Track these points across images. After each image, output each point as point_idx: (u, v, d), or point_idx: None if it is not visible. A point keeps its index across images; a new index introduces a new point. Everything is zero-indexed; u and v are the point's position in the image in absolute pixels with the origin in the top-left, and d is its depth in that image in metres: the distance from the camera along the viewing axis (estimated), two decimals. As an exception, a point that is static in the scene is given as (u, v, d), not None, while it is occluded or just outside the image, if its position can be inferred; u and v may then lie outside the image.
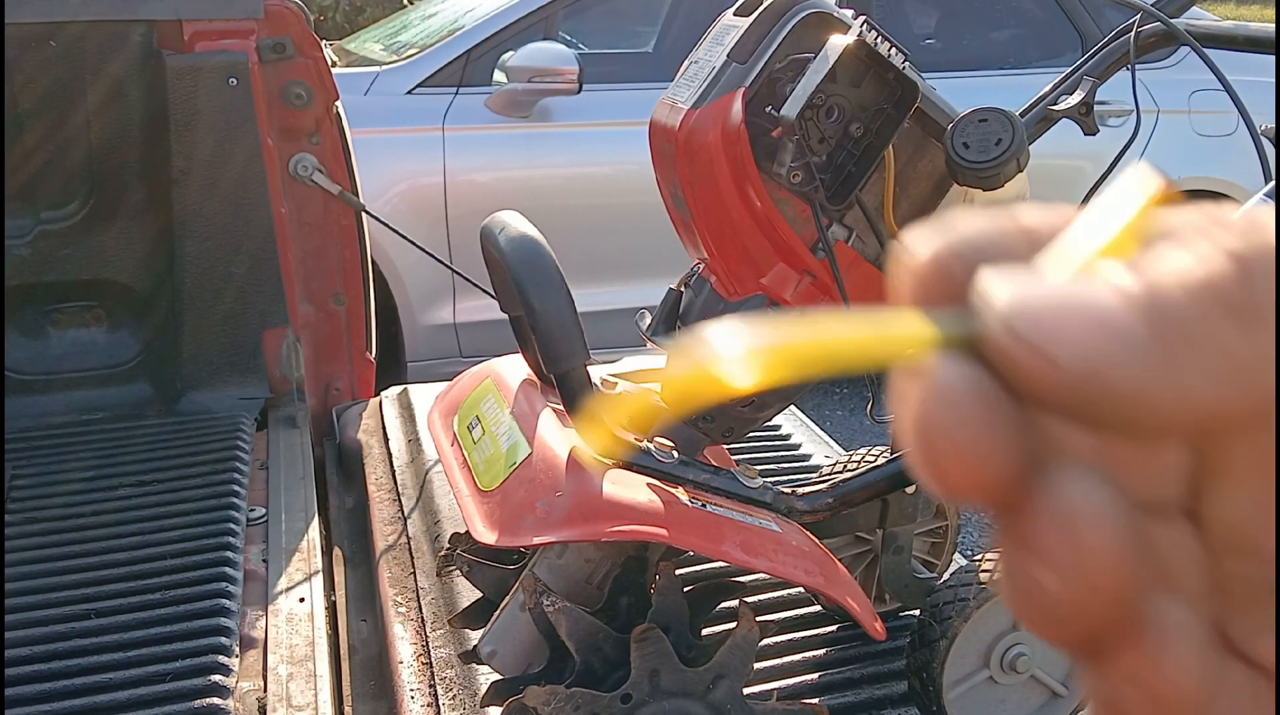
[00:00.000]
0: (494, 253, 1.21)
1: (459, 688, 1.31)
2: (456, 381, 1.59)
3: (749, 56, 1.20)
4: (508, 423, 1.35)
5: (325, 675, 1.34)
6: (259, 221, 2.01)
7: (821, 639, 1.45)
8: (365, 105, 3.04)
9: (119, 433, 1.97)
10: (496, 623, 1.30)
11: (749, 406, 1.33)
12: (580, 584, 1.25)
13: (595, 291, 3.12)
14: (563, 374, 1.18)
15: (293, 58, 1.98)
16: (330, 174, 2.06)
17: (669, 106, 1.25)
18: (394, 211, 2.93)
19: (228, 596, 1.46)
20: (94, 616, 1.42)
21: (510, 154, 3.26)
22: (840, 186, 1.26)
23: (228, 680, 1.31)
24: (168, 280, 2.04)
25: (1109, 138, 1.55)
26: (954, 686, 1.27)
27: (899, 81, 1.22)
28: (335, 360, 2.20)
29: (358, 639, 1.53)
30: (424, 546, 1.62)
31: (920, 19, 3.85)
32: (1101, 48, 1.30)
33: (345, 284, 2.16)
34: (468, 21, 3.38)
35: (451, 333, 3.23)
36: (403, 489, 1.79)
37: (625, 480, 1.19)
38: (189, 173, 1.96)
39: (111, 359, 2.11)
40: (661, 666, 1.17)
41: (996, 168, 1.19)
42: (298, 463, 1.89)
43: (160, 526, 1.64)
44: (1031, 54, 3.78)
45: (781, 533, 1.21)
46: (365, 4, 6.22)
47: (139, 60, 1.94)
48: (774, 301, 1.27)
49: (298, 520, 1.70)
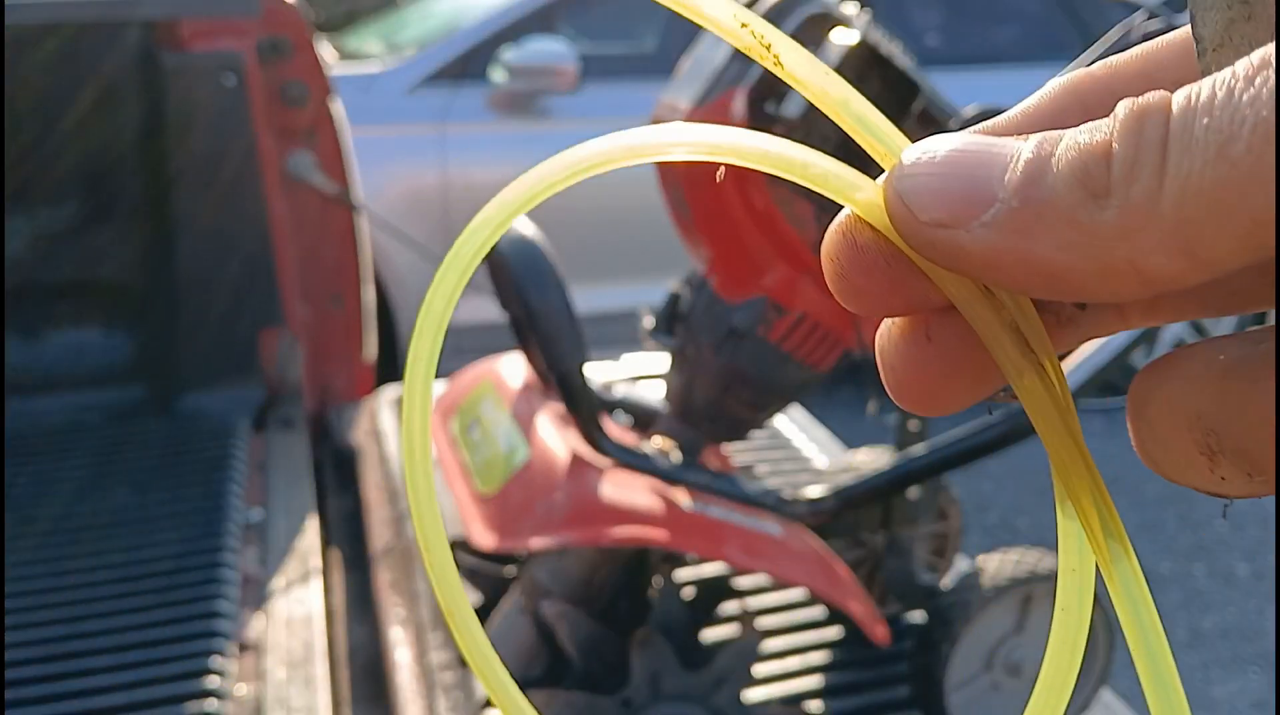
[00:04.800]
0: (494, 253, 1.20)
1: (457, 692, 1.30)
2: (455, 381, 1.58)
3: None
4: (507, 424, 1.34)
5: (323, 678, 1.33)
6: (256, 221, 2.00)
7: (823, 643, 1.44)
8: (364, 104, 3.03)
9: (115, 434, 1.96)
10: (495, 626, 1.29)
11: (749, 407, 1.32)
12: (580, 587, 1.24)
13: (595, 291, 3.11)
14: (562, 374, 1.17)
15: (290, 56, 1.97)
16: (328, 173, 2.05)
17: (669, 106, 1.24)
18: (393, 211, 2.92)
19: (224, 599, 1.45)
20: (90, 618, 1.41)
21: (510, 153, 3.25)
22: (842, 186, 1.25)
23: (224, 683, 1.30)
24: (164, 280, 2.03)
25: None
26: (957, 690, 1.26)
27: (901, 79, 1.21)
28: (333, 361, 2.19)
29: (355, 642, 1.52)
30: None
31: (922, 15, 3.85)
32: (1103, 43, 1.29)
33: (343, 284, 2.15)
34: (467, 19, 3.37)
35: (450, 333, 3.22)
36: (401, 491, 1.78)
37: (625, 482, 1.18)
38: (185, 172, 1.95)
39: (107, 360, 2.10)
40: (662, 670, 1.16)
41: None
42: (295, 464, 1.88)
43: (156, 528, 1.63)
44: (1033, 50, 3.78)
45: (783, 535, 1.20)
46: (362, 2, 6.21)
47: (135, 59, 1.93)
48: (775, 302, 1.26)
49: (295, 522, 1.69)
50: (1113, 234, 0.19)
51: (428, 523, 0.24)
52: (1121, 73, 0.25)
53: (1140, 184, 0.19)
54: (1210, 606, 2.67)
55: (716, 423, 1.34)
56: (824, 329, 1.28)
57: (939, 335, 0.24)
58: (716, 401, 1.31)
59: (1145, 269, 0.19)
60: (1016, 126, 0.25)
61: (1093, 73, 0.25)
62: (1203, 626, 2.58)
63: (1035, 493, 3.16)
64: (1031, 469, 3.29)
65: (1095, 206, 0.19)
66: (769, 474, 1.85)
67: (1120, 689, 1.51)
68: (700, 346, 1.30)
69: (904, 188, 0.22)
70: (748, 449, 1.92)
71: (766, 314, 1.26)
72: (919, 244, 0.22)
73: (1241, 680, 2.34)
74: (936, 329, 0.24)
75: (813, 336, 1.28)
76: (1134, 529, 2.96)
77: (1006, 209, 0.20)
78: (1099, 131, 0.20)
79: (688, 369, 1.32)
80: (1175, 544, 2.92)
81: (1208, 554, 2.90)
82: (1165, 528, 2.97)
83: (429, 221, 3.08)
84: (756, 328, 1.26)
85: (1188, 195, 0.18)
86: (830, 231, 0.24)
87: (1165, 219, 0.19)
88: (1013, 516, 3.06)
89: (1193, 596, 2.70)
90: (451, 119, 3.17)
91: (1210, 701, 2.30)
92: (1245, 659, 2.41)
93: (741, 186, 1.20)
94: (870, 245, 0.23)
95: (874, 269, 0.23)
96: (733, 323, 1.27)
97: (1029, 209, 0.20)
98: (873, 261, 0.23)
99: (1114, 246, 0.19)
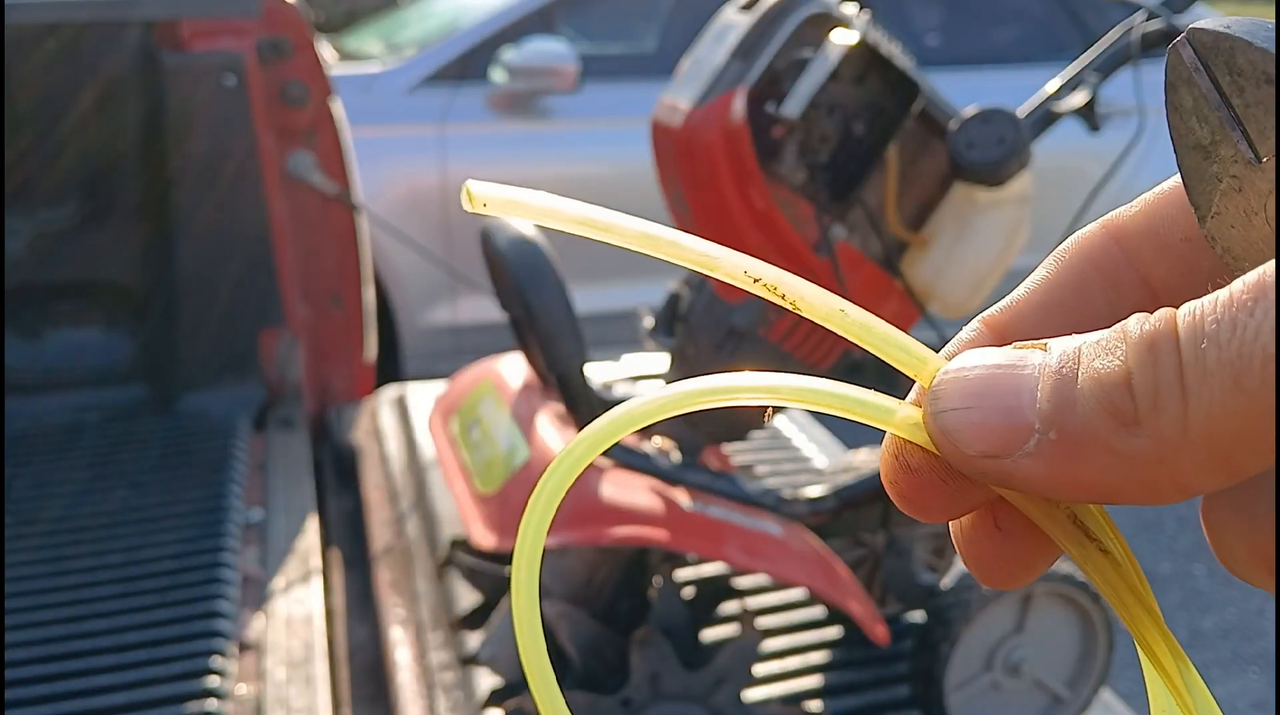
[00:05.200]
0: (494, 253, 1.20)
1: (458, 691, 1.30)
2: (455, 381, 1.58)
3: (751, 54, 1.19)
4: (507, 424, 1.34)
5: (323, 679, 1.33)
6: (256, 221, 2.00)
7: (823, 642, 1.44)
8: (364, 104, 3.03)
9: (115, 434, 1.96)
10: (496, 626, 1.29)
11: (749, 406, 1.32)
12: (580, 587, 1.24)
13: (595, 292, 3.11)
14: (562, 374, 1.17)
15: (290, 56, 1.97)
16: (328, 173, 2.05)
17: (670, 106, 1.24)
18: (393, 211, 2.92)
19: (224, 599, 1.45)
20: (91, 618, 1.41)
21: (511, 153, 3.25)
22: (842, 186, 1.25)
23: (225, 683, 1.30)
24: (164, 280, 2.03)
25: (1111, 137, 1.54)
26: (956, 690, 1.26)
27: (901, 80, 1.21)
28: (333, 361, 2.19)
29: (355, 642, 1.52)
30: (422, 549, 1.61)
31: (922, 15, 3.85)
32: (1104, 45, 1.29)
33: (343, 284, 2.15)
34: (467, 19, 3.37)
35: (450, 334, 3.22)
36: (401, 491, 1.78)
37: (626, 483, 1.18)
38: (186, 172, 1.95)
39: (108, 359, 2.10)
40: (662, 670, 1.16)
41: (999, 166, 1.18)
42: (295, 464, 1.88)
43: (157, 528, 1.63)
44: (1034, 51, 3.78)
45: (783, 535, 1.20)
46: (362, 2, 6.21)
47: (136, 59, 1.93)
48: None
49: (295, 522, 1.69)
50: (1150, 460, 0.21)
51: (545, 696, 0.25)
52: (1129, 231, 0.27)
53: (1168, 416, 0.20)
54: (1210, 606, 2.67)
55: (716, 423, 1.34)
56: (824, 329, 1.27)
57: (1007, 524, 0.26)
58: (716, 401, 1.31)
59: (1186, 484, 0.21)
60: (1040, 304, 0.27)
61: (1103, 235, 0.27)
62: (1203, 626, 2.58)
63: (1035, 493, 3.16)
64: (1031, 469, 3.28)
65: (1128, 434, 0.21)
66: (769, 474, 1.85)
67: (1120, 689, 1.52)
68: (700, 346, 1.30)
69: (945, 424, 0.24)
70: (748, 449, 1.92)
71: (766, 314, 1.26)
72: (970, 472, 0.24)
73: (1241, 680, 2.34)
74: (1004, 519, 0.26)
75: (813, 336, 1.28)
76: (1134, 529, 2.96)
77: (1045, 441, 0.22)
78: (1114, 356, 0.22)
79: (688, 369, 1.32)
80: (1175, 544, 2.92)
81: (1208, 554, 2.89)
82: (1165, 528, 2.97)
83: (429, 221, 3.08)
84: (756, 328, 1.26)
85: (1213, 424, 0.20)
86: (884, 458, 0.26)
87: (1196, 446, 0.20)
88: (1013, 516, 3.06)
89: (1193, 596, 2.70)
90: (451, 119, 3.16)
91: (1210, 701, 2.30)
92: (1245, 659, 2.41)
93: (741, 186, 1.20)
94: (924, 466, 0.25)
95: (933, 487, 0.25)
96: (733, 323, 1.27)
97: (1067, 441, 0.22)
98: (930, 481, 0.25)
99: (1153, 470, 0.21)
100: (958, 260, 1.26)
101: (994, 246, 1.25)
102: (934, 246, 1.28)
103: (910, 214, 1.29)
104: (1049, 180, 2.00)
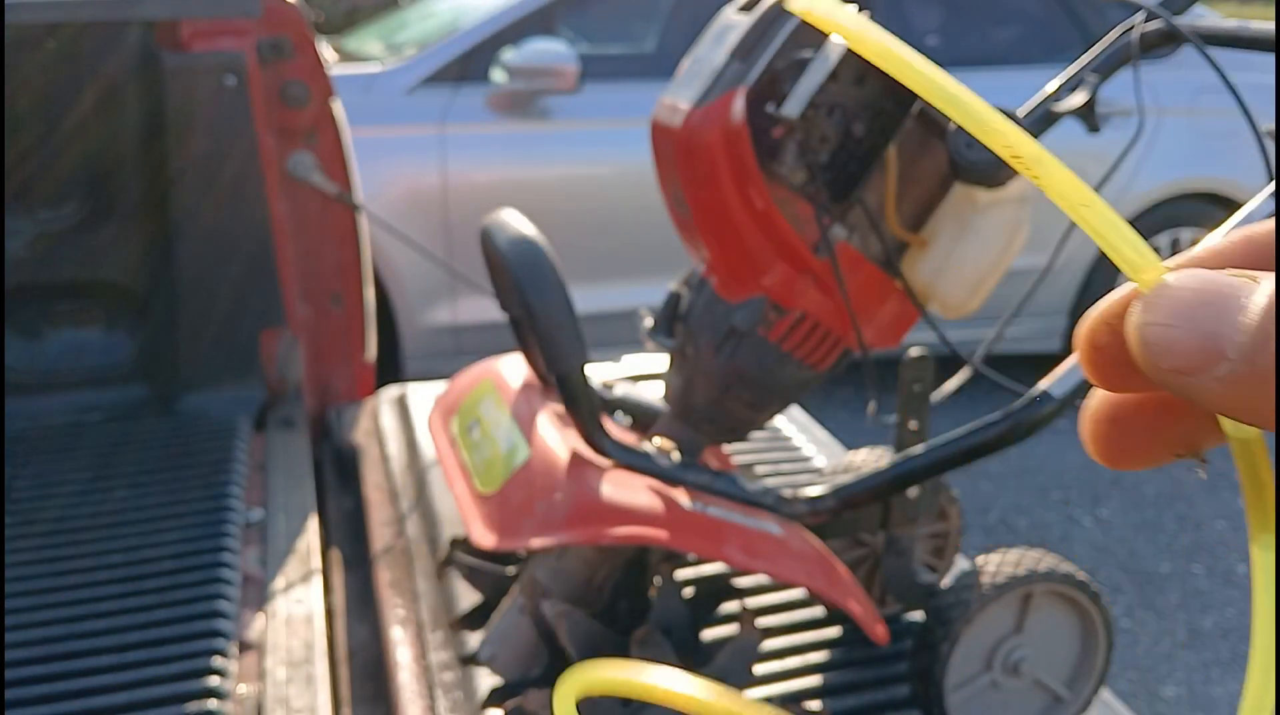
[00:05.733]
0: (494, 253, 1.20)
1: (458, 691, 1.31)
2: (455, 381, 1.58)
3: (751, 55, 1.19)
4: (507, 424, 1.34)
5: (323, 678, 1.33)
6: (256, 221, 2.00)
7: (823, 642, 1.44)
8: (364, 104, 3.03)
9: (115, 434, 1.96)
10: (496, 626, 1.29)
11: (749, 407, 1.32)
12: (580, 587, 1.25)
13: (595, 292, 3.11)
14: (562, 374, 1.17)
15: (291, 57, 1.97)
16: (328, 173, 2.05)
17: (670, 106, 1.24)
18: (393, 211, 2.92)
19: (225, 599, 1.45)
20: (91, 618, 1.41)
21: (511, 153, 3.25)
22: (842, 186, 1.25)
23: (225, 683, 1.31)
24: (164, 280, 2.03)
25: (1112, 137, 1.54)
26: (956, 690, 1.26)
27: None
28: (333, 361, 2.19)
29: (356, 642, 1.53)
30: (423, 548, 1.61)
31: (922, 15, 3.85)
32: (1103, 45, 1.29)
33: (343, 284, 2.15)
34: (467, 20, 3.37)
35: (450, 333, 3.22)
36: (401, 490, 1.78)
37: (625, 482, 1.18)
38: (186, 172, 1.95)
39: (108, 360, 2.10)
40: (662, 670, 1.16)
41: (999, 166, 1.18)
42: (295, 464, 1.88)
43: (157, 528, 1.63)
44: (1034, 51, 3.78)
45: (783, 535, 1.20)
46: (363, 2, 6.22)
47: (136, 59, 1.93)
48: (775, 302, 1.26)
49: (295, 522, 1.69)
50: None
51: None
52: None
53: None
54: (1210, 606, 2.67)
55: (716, 423, 1.34)
56: (824, 329, 1.28)
57: (1152, 411, 0.29)
58: (716, 402, 1.31)
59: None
60: (1220, 262, 0.28)
61: (1265, 226, 0.29)
62: (1203, 626, 2.59)
63: (1035, 492, 3.16)
64: (1031, 469, 3.29)
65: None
66: (769, 474, 1.85)
67: (1121, 689, 1.52)
68: (700, 346, 1.30)
69: (1146, 336, 0.26)
70: (748, 449, 1.92)
71: (766, 314, 1.26)
72: (1156, 379, 0.26)
73: (1241, 680, 2.34)
74: (1154, 408, 0.29)
75: (813, 336, 1.28)
76: (1134, 529, 2.96)
77: (1235, 371, 0.24)
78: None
79: (687, 369, 1.32)
80: (1175, 544, 2.92)
81: (1208, 554, 2.90)
82: (1165, 528, 2.97)
83: (429, 221, 3.08)
84: (756, 328, 1.26)
85: None
86: (1095, 318, 0.28)
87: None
88: (1013, 516, 3.06)
89: (1193, 596, 2.70)
90: (451, 119, 3.17)
91: (1210, 701, 2.31)
92: (1245, 659, 2.41)
93: (741, 186, 1.20)
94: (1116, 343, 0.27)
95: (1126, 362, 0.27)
96: (733, 323, 1.27)
97: (1257, 375, 0.24)
98: (1124, 357, 0.27)
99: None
100: (957, 260, 1.26)
101: (994, 246, 1.25)
102: (934, 247, 1.28)
103: (910, 214, 1.30)
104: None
